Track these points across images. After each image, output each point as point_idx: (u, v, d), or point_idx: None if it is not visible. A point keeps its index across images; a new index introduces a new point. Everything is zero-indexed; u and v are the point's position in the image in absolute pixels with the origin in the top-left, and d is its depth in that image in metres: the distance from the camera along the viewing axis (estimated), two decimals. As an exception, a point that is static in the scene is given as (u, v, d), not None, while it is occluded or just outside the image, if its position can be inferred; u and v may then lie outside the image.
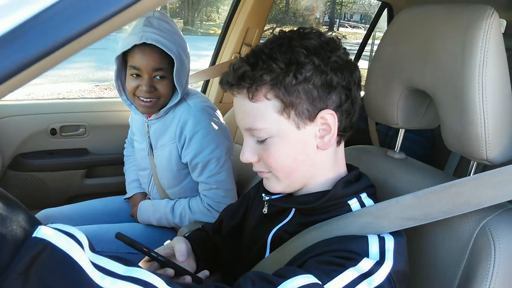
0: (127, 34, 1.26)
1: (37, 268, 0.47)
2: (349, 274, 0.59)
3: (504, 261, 0.65)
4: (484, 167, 0.74)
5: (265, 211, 0.82)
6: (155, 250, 0.77)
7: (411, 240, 0.72)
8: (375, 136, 1.90)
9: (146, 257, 0.78)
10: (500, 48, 0.67)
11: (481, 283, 0.65)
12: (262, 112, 0.68)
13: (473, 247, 0.68)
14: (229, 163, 1.36)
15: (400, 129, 0.94)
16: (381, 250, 0.64)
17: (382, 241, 0.66)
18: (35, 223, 0.51)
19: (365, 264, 0.61)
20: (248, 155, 0.73)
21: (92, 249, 0.53)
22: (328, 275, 0.59)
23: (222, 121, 1.42)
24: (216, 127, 1.33)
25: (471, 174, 0.77)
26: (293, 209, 0.79)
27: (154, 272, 0.54)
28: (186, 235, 1.06)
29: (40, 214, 1.46)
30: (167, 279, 0.54)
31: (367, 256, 0.63)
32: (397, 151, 0.94)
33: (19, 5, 0.39)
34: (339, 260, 0.62)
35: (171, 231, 1.44)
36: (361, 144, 1.04)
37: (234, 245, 0.93)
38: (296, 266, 0.65)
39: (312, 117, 0.68)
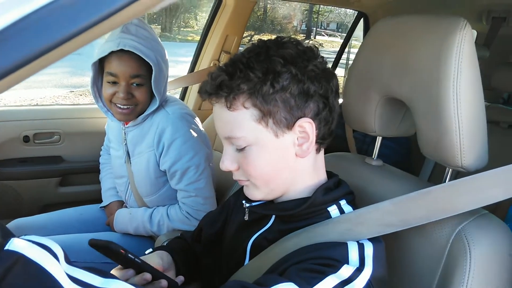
0: (104, 40, 1.24)
1: (10, 281, 0.45)
2: (330, 281, 0.60)
3: (479, 265, 0.66)
4: (457, 174, 0.76)
5: (246, 218, 0.82)
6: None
7: (389, 247, 0.73)
8: (353, 143, 1.93)
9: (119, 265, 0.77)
10: (473, 58, 0.69)
11: (458, 287, 0.66)
12: (240, 121, 0.68)
13: (450, 252, 0.69)
14: (208, 170, 1.35)
15: (378, 137, 0.95)
16: (361, 257, 0.65)
17: (361, 247, 0.66)
18: (7, 235, 0.49)
19: (345, 271, 0.61)
20: (227, 163, 0.73)
21: (68, 260, 0.52)
22: (308, 282, 0.59)
23: (201, 128, 1.42)
24: (195, 134, 1.33)
25: (447, 181, 0.79)
26: (273, 216, 0.79)
27: (131, 283, 0.53)
28: (165, 243, 1.04)
29: (12, 224, 1.41)
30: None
31: (347, 262, 0.63)
32: (374, 158, 0.96)
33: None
34: (320, 267, 0.62)
35: (149, 239, 1.42)
36: (338, 151, 1.06)
37: (214, 253, 0.92)
38: (276, 274, 0.65)
39: (290, 126, 0.69)
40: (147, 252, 0.92)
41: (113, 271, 0.77)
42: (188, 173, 1.29)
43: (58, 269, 0.48)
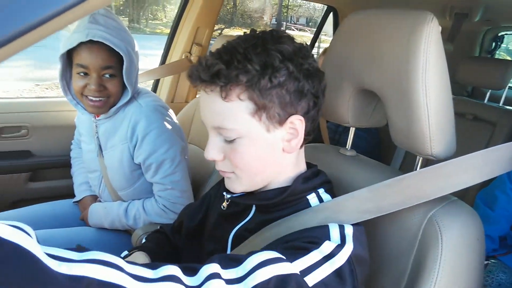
0: (70, 32, 1.21)
1: None
2: (313, 256, 0.61)
3: (450, 248, 0.70)
4: (427, 162, 0.79)
5: (223, 206, 0.82)
6: None
7: (367, 235, 0.76)
8: (326, 134, 1.97)
9: None
10: (440, 51, 0.72)
11: (431, 271, 0.69)
12: (233, 112, 0.68)
13: (422, 237, 0.73)
14: (184, 163, 1.35)
15: (351, 127, 0.98)
16: (342, 235, 0.67)
17: (341, 228, 0.68)
18: None
19: (327, 247, 0.63)
20: (213, 153, 0.73)
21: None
22: (293, 256, 0.60)
23: (176, 121, 1.41)
24: (170, 127, 1.32)
25: (417, 169, 0.83)
26: (254, 208, 0.80)
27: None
28: (144, 239, 1.03)
29: (-21, 221, 1.36)
30: (127, 261, 0.52)
31: (329, 239, 0.65)
32: (348, 149, 0.99)
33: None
34: (303, 244, 0.64)
35: (125, 233, 1.40)
36: (312, 142, 1.08)
37: (194, 245, 0.92)
38: None
39: (282, 121, 0.70)
40: (122, 255, 0.91)
41: None
42: (164, 166, 1.29)
43: (34, 245, 0.46)
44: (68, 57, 1.23)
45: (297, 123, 0.70)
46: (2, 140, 1.74)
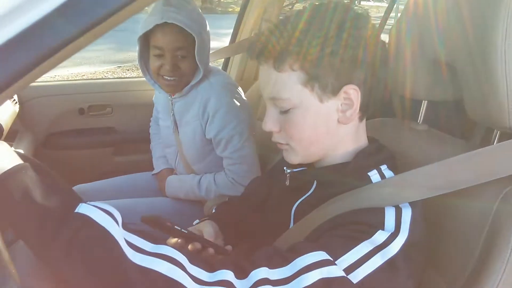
0: (147, 15, 1.28)
1: (78, 239, 0.51)
2: (363, 247, 0.61)
3: None
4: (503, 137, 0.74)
5: (287, 183, 0.84)
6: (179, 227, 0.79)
7: (433, 210, 0.73)
8: (399, 108, 1.88)
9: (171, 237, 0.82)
10: None
11: (502, 251, 0.66)
12: (286, 82, 0.69)
13: (495, 215, 0.68)
14: (252, 138, 1.39)
15: (423, 101, 0.94)
16: (397, 222, 0.65)
17: (398, 213, 0.66)
18: (77, 200, 0.55)
19: (379, 236, 0.62)
20: (270, 124, 0.74)
21: (125, 225, 0.57)
22: (342, 249, 0.61)
23: (244, 98, 1.44)
24: (238, 104, 1.36)
25: (494, 143, 0.78)
26: (315, 183, 0.80)
27: (179, 249, 0.57)
28: (213, 209, 1.10)
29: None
30: (190, 257, 0.57)
31: (382, 228, 0.64)
32: (419, 123, 0.95)
33: None
34: (354, 233, 0.63)
35: (198, 204, 1.49)
36: (382, 116, 1.05)
37: (259, 217, 0.95)
38: (311, 241, 0.67)
39: (335, 91, 0.69)
40: (194, 223, 0.97)
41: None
42: (233, 141, 1.34)
43: (118, 232, 0.54)
44: (145, 39, 1.31)
45: (352, 93, 0.69)
46: (90, 117, 1.92)
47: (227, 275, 0.57)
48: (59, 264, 0.52)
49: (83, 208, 0.54)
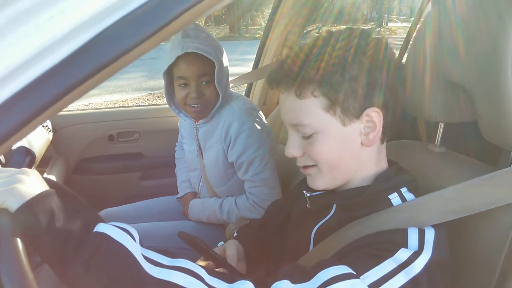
0: (168, 48, 1.34)
1: (97, 256, 0.54)
2: (387, 265, 0.60)
3: None
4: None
5: (308, 205, 0.84)
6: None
7: (452, 231, 0.72)
8: (423, 130, 1.84)
9: (202, 257, 0.84)
10: None
11: None
12: (308, 109, 0.70)
13: None
14: (273, 161, 1.41)
15: (440, 123, 0.94)
16: (421, 241, 0.64)
17: (422, 233, 0.66)
18: (96, 220, 0.58)
19: (402, 254, 0.61)
20: (292, 149, 0.75)
21: (141, 243, 0.60)
22: (365, 266, 0.60)
23: (265, 122, 1.47)
24: (259, 127, 1.39)
25: (511, 166, 0.77)
26: (334, 206, 0.80)
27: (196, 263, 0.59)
28: (235, 233, 1.11)
29: (101, 213, 1.58)
30: (209, 270, 0.59)
31: (406, 246, 0.63)
32: (437, 145, 0.94)
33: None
34: (377, 251, 0.63)
35: (220, 227, 1.51)
36: (402, 139, 1.04)
37: (279, 240, 0.96)
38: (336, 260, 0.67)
39: (357, 115, 0.70)
40: (219, 244, 0.98)
41: (198, 262, 0.84)
42: (254, 164, 1.36)
43: (136, 248, 0.57)
44: (169, 73, 1.37)
45: (374, 115, 0.70)
46: (119, 143, 2.00)
47: (247, 285, 0.57)
48: (80, 281, 0.54)
49: (101, 227, 0.57)
